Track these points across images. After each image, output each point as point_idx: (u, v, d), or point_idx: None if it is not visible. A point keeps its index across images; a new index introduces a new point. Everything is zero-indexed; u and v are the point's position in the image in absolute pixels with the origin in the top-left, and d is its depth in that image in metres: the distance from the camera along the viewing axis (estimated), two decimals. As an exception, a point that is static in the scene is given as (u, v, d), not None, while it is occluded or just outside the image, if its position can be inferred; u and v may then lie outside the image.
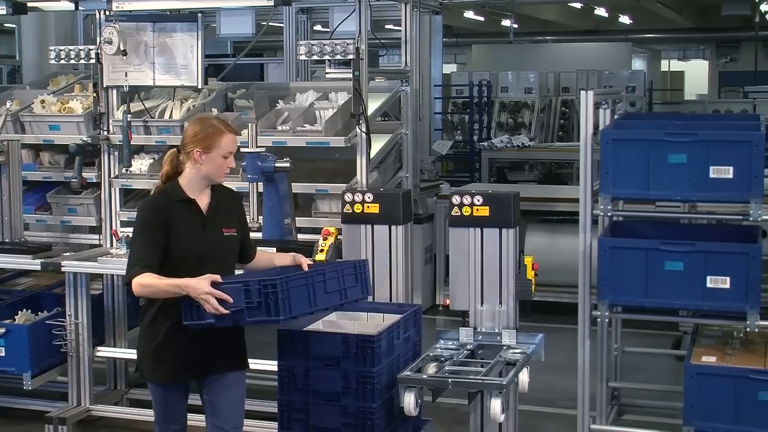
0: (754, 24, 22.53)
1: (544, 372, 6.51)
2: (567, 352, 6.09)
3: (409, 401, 4.54)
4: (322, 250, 5.51)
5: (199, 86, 6.33)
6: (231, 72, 7.16)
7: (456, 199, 5.25)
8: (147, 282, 4.14)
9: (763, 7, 20.77)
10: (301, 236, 5.90)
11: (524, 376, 4.80)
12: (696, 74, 29.47)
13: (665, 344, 7.56)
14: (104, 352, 6.50)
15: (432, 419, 5.51)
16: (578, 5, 21.33)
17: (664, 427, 5.55)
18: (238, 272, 4.56)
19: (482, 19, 22.03)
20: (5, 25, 15.31)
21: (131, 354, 6.63)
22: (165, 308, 4.29)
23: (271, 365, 5.41)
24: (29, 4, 6.96)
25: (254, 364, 6.15)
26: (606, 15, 23.08)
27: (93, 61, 6.40)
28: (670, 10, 21.67)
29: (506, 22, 22.56)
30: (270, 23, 6.91)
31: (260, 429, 5.96)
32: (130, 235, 4.39)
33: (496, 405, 4.42)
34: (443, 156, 14.03)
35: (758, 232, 5.32)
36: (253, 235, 5.86)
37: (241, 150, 5.84)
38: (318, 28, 9.59)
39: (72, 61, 6.54)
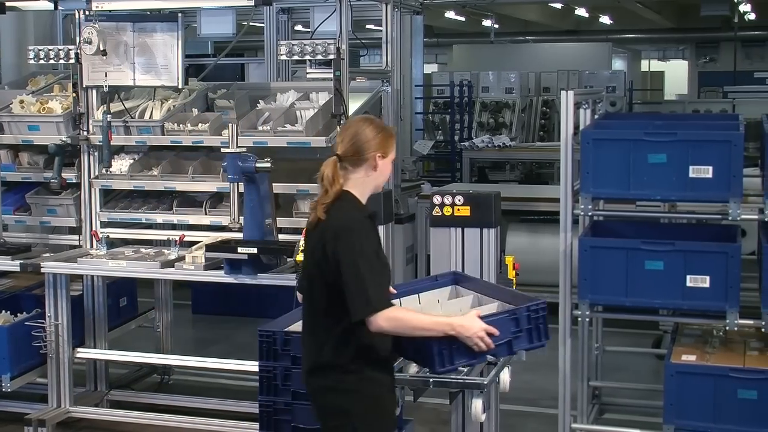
0: (733, 24, 22.64)
1: (525, 371, 6.52)
2: (548, 352, 6.09)
3: (390, 401, 4.52)
4: (302, 251, 5.48)
5: (180, 86, 6.31)
6: (211, 72, 7.14)
7: (437, 199, 5.25)
8: (400, 316, 3.59)
9: (742, 8, 20.87)
10: (282, 236, 5.89)
11: (505, 376, 4.79)
12: (676, 74, 29.59)
13: (645, 343, 7.59)
14: (84, 353, 6.47)
15: (414, 419, 5.51)
16: (559, 5, 21.37)
17: (645, 425, 5.57)
18: None
19: (463, 19, 22.05)
20: (-16, 24, 15.19)
21: (111, 355, 6.62)
22: (363, 349, 3.68)
23: (252, 365, 5.40)
24: (8, 4, 6.93)
25: (234, 364, 6.18)
26: (586, 15, 23.14)
27: (72, 61, 6.38)
28: (650, 10, 21.74)
29: (487, 22, 22.59)
30: (251, 23, 6.89)
31: (241, 430, 5.94)
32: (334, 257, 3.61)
33: (477, 405, 4.41)
34: (424, 156, 14.03)
35: (737, 231, 5.34)
36: (234, 235, 5.88)
37: (222, 150, 5.83)
38: (299, 28, 9.57)
39: (51, 61, 6.51)
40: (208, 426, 6.06)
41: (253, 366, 5.30)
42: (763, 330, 5.11)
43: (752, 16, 23.00)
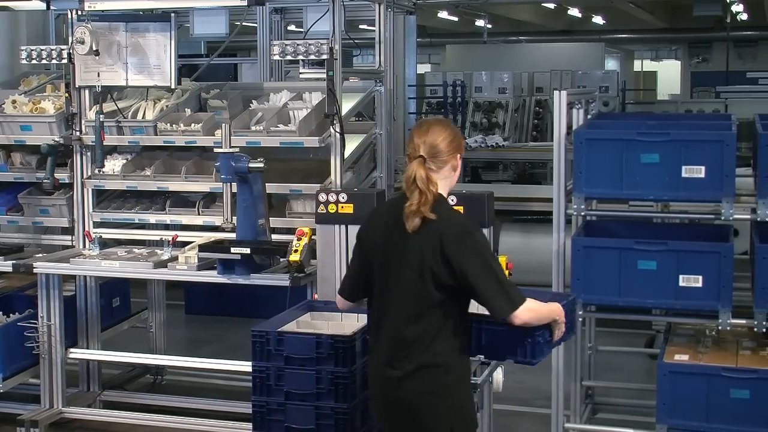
0: (726, 24, 22.67)
1: (518, 371, 6.48)
2: (541, 352, 6.11)
3: (383, 401, 4.52)
4: (296, 251, 5.50)
5: (173, 86, 6.30)
6: (204, 72, 7.12)
7: (430, 199, 5.23)
8: (534, 307, 3.71)
9: (735, 8, 20.91)
10: (275, 237, 5.88)
11: (499, 376, 4.81)
12: (668, 74, 29.63)
13: (638, 343, 7.60)
14: (77, 353, 6.46)
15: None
16: (552, 5, 21.39)
17: (638, 425, 5.58)
18: None
19: (456, 19, 22.06)
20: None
21: (104, 356, 6.62)
22: (464, 348, 3.81)
23: (245, 366, 5.39)
24: (0, 4, 6.90)
25: (227, 365, 6.17)
26: (579, 15, 23.16)
27: (65, 61, 6.36)
28: (643, 10, 21.77)
29: (480, 23, 22.59)
30: (243, 23, 6.88)
31: (234, 430, 5.94)
32: (481, 260, 3.65)
33: (470, 404, 4.41)
34: (417, 156, 14.01)
35: (730, 231, 5.36)
36: (227, 235, 5.87)
37: (215, 150, 5.83)
38: (292, 28, 9.55)
39: (44, 61, 6.49)
40: (201, 426, 6.06)
41: (246, 366, 5.30)
42: (755, 330, 5.13)
43: (744, 17, 23.04)
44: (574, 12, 22.62)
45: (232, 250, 5.61)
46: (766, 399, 4.98)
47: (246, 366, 5.27)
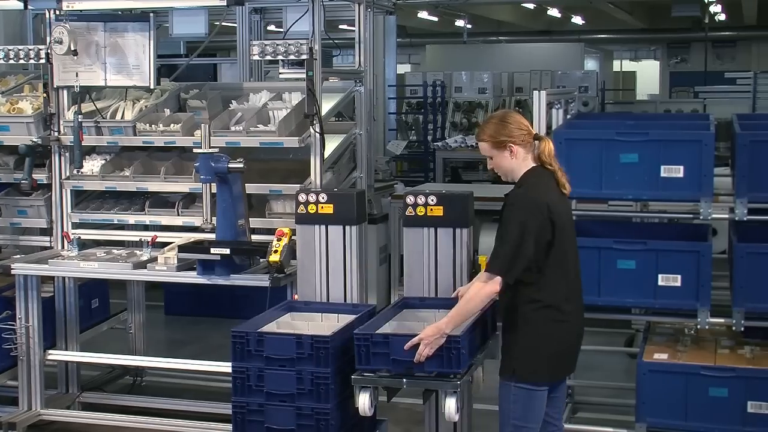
0: (704, 25, 22.82)
1: (498, 370, 6.52)
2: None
3: (363, 401, 4.53)
4: (275, 251, 5.49)
5: (152, 86, 6.27)
6: (184, 72, 7.09)
7: (410, 199, 5.25)
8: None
9: (713, 9, 21.04)
10: (254, 237, 5.87)
11: (479, 375, 4.82)
12: (647, 74, 29.78)
13: (618, 342, 7.63)
14: (55, 355, 6.42)
15: (388, 419, 5.51)
16: (531, 6, 21.46)
17: (617, 424, 5.60)
18: None
19: (436, 19, 22.10)
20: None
21: (83, 357, 6.58)
22: None
23: (225, 366, 5.38)
24: (-23, 3, 6.86)
25: (207, 366, 6.16)
26: (559, 15, 23.25)
27: (43, 61, 6.32)
28: (622, 11, 21.88)
29: (460, 23, 22.65)
30: (223, 23, 6.86)
31: (214, 431, 5.92)
32: None
33: (450, 404, 4.43)
34: (398, 156, 14.03)
35: (708, 230, 5.39)
36: (206, 236, 5.85)
37: (194, 150, 5.81)
38: (271, 28, 9.53)
39: (21, 61, 6.45)
40: (181, 428, 6.04)
41: (226, 367, 5.28)
42: (733, 328, 5.16)
43: (722, 17, 23.20)
44: (553, 12, 22.70)
45: (212, 250, 5.60)
46: (744, 397, 5.02)
47: (226, 367, 5.26)
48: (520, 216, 4.17)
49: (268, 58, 5.80)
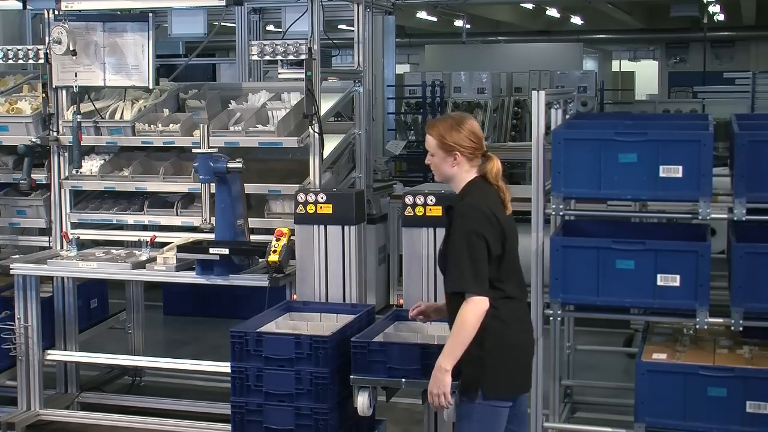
0: (703, 25, 22.82)
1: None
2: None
3: (362, 402, 4.54)
4: (275, 251, 5.49)
5: (151, 86, 6.27)
6: (183, 72, 7.10)
7: (409, 199, 5.25)
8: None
9: (711, 9, 21.05)
10: (253, 237, 5.87)
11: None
12: (646, 74, 29.77)
13: (617, 342, 7.63)
14: (54, 355, 6.42)
15: (386, 419, 5.52)
16: (530, 6, 21.47)
17: (616, 423, 5.59)
18: None
19: (435, 19, 22.10)
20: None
21: (82, 357, 6.58)
22: None
23: (224, 367, 5.38)
24: (-24, 4, 6.86)
25: (206, 366, 6.16)
26: (557, 16, 23.26)
27: (42, 61, 6.32)
28: (621, 11, 21.89)
29: (459, 23, 22.64)
30: (222, 23, 6.86)
31: (213, 431, 5.92)
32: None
33: (449, 404, 4.41)
34: (396, 156, 14.03)
35: (707, 230, 5.38)
36: (205, 236, 5.85)
37: (193, 150, 5.81)
38: (270, 28, 9.56)
39: (20, 61, 6.45)
40: (180, 428, 6.04)
41: (225, 367, 5.28)
42: (732, 328, 5.15)
43: (721, 17, 23.21)
44: (552, 12, 22.71)
45: (211, 250, 5.60)
46: (743, 397, 5.01)
47: (225, 367, 5.26)
48: (472, 225, 3.96)
49: (267, 58, 5.80)
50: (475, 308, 3.93)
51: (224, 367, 5.40)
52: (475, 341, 3.97)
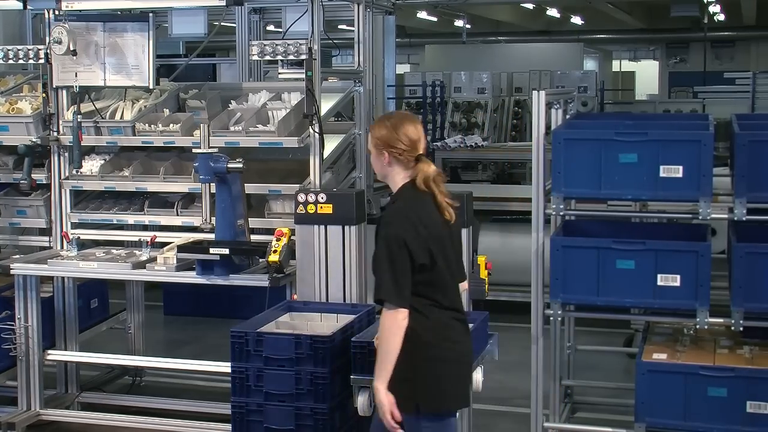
0: (703, 25, 22.83)
1: (497, 371, 6.53)
2: (520, 351, 6.13)
3: (362, 402, 4.53)
4: (275, 251, 5.49)
5: (151, 86, 6.27)
6: (183, 72, 7.09)
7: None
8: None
9: (712, 9, 21.05)
10: (254, 237, 5.87)
11: (478, 375, 4.81)
12: (646, 74, 29.79)
13: (617, 342, 7.63)
14: (55, 355, 6.42)
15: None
16: (530, 6, 21.47)
17: (617, 423, 5.59)
18: None
19: (435, 19, 22.11)
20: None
21: (82, 357, 6.58)
22: None
23: (224, 367, 5.38)
24: (-24, 4, 6.86)
25: (207, 366, 6.16)
26: (558, 16, 23.27)
27: (42, 61, 6.32)
28: (621, 11, 21.89)
29: (459, 23, 22.65)
30: (222, 23, 6.85)
31: (213, 431, 5.92)
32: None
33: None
34: (397, 156, 14.01)
35: (707, 230, 5.39)
36: (206, 236, 5.85)
37: (194, 150, 5.81)
38: (271, 28, 9.53)
39: (20, 61, 6.45)
40: (180, 428, 6.04)
41: (225, 367, 5.28)
42: (732, 328, 5.16)
43: (721, 17, 23.22)
44: (552, 12, 22.72)
45: (211, 250, 5.60)
46: (743, 397, 5.01)
47: (225, 367, 5.26)
48: (395, 232, 3.85)
49: (268, 58, 5.80)
50: (394, 320, 3.82)
51: (224, 367, 5.40)
52: (403, 357, 3.84)
